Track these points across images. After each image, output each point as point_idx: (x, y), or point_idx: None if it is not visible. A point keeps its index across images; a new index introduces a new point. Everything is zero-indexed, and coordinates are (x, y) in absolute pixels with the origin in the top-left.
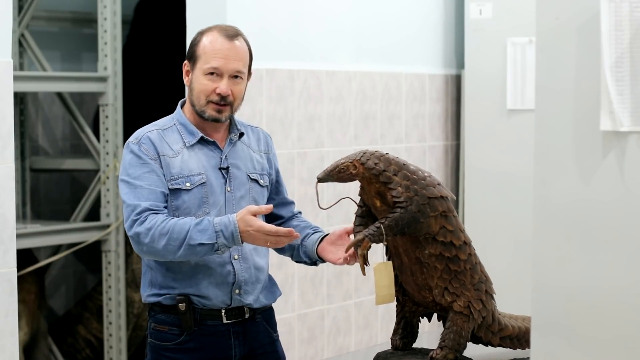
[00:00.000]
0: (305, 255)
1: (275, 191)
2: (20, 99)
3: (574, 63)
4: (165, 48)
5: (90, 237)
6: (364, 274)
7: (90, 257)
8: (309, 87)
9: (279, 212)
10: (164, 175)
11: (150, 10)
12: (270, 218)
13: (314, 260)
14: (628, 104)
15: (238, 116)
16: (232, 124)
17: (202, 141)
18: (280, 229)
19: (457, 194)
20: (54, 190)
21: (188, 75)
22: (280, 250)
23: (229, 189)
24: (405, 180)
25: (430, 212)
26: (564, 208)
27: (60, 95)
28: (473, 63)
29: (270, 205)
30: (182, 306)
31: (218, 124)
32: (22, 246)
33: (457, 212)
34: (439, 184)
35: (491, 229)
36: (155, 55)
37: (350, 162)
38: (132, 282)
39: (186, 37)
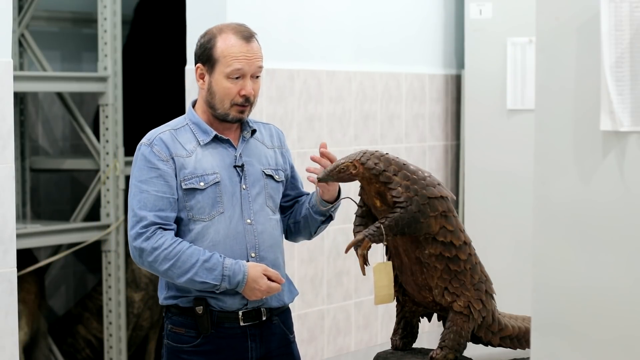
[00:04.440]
0: (318, 213)
1: (291, 187)
2: (20, 99)
3: (574, 63)
4: (165, 48)
5: (90, 237)
6: (364, 273)
7: (90, 257)
8: (309, 87)
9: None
10: (177, 177)
11: (150, 10)
12: (290, 209)
13: (325, 209)
14: (628, 104)
15: None
16: (243, 122)
17: (216, 140)
18: (277, 286)
19: (457, 194)
20: (54, 190)
21: (203, 79)
22: (296, 235)
23: (244, 186)
24: (405, 180)
25: (430, 212)
26: (564, 208)
27: (60, 95)
28: (473, 63)
29: (282, 280)
30: (199, 309)
31: (231, 123)
32: (22, 246)
33: (457, 212)
34: (439, 184)
35: (491, 229)
36: (155, 55)
37: (350, 162)
38: (132, 282)
39: (186, 37)
